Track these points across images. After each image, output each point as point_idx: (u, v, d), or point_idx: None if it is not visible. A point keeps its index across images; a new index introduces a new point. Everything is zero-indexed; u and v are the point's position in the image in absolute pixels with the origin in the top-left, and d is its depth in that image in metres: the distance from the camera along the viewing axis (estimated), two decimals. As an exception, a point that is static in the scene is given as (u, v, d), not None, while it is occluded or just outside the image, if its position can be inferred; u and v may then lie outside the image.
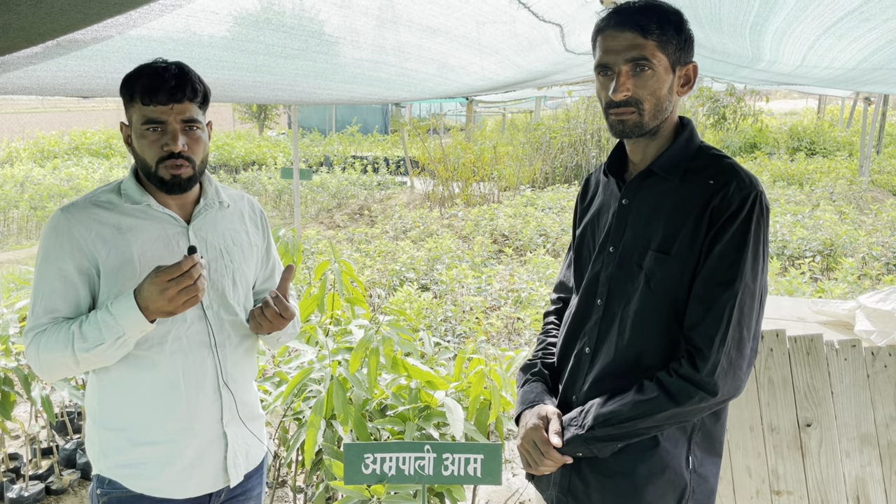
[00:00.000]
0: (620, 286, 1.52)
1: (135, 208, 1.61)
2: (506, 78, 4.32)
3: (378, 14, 2.71)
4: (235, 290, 1.72)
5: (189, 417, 1.65)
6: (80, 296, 1.57)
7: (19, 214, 10.84)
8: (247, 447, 1.78)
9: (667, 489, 1.49)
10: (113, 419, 1.65)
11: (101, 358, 1.52)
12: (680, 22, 1.45)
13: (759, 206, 1.40)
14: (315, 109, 24.77)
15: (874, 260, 6.91)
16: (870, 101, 13.01)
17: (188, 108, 1.56)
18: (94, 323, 1.50)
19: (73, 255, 1.55)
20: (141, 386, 1.62)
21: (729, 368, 1.38)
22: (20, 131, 21.86)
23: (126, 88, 1.56)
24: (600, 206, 1.63)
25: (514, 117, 23.73)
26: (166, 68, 1.55)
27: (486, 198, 11.93)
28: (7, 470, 3.51)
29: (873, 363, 2.43)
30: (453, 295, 6.05)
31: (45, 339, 1.53)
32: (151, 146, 1.55)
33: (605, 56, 1.44)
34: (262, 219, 1.86)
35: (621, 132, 1.47)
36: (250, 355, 1.81)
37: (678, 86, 1.48)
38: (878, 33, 2.42)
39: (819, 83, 5.39)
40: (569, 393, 1.61)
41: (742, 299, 1.38)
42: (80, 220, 1.57)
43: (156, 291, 1.44)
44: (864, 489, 2.42)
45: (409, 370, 2.45)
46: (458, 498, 2.31)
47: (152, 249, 1.60)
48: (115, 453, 1.64)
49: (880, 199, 10.79)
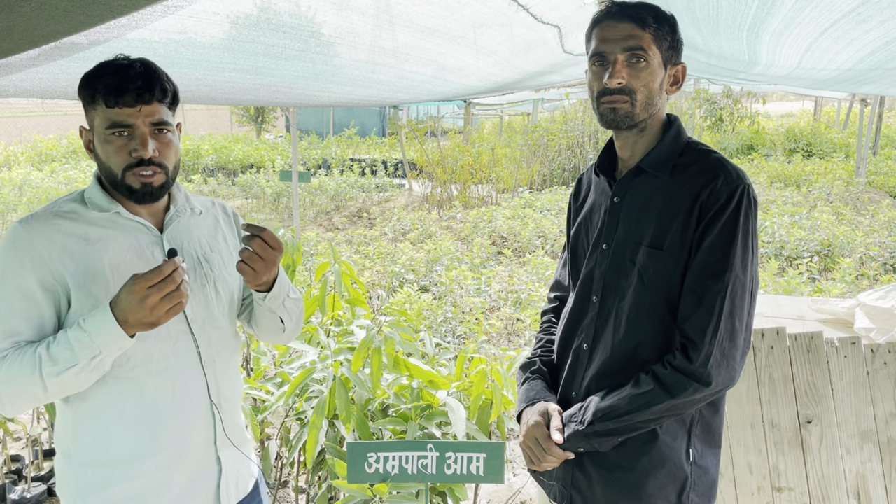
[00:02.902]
0: (615, 282, 1.55)
1: (102, 217, 1.46)
2: (504, 79, 4.33)
3: (376, 15, 2.72)
4: (219, 299, 1.57)
5: (181, 444, 1.50)
6: (43, 316, 1.39)
7: (17, 218, 10.84)
8: (237, 475, 1.63)
9: (668, 482, 1.51)
10: (92, 454, 1.46)
11: (72, 382, 1.34)
12: (674, 23, 1.50)
13: (747, 199, 1.43)
14: (313, 112, 24.78)
15: (871, 260, 6.93)
16: (866, 102, 13.06)
17: (157, 110, 1.41)
18: (64, 343, 1.32)
19: (34, 270, 1.37)
20: (125, 413, 1.44)
21: (722, 359, 1.41)
22: (18, 135, 21.85)
23: (86, 89, 1.41)
24: (592, 205, 1.66)
25: (511, 119, 23.76)
26: (130, 65, 1.39)
27: (485, 200, 11.95)
28: (9, 471, 3.51)
29: (873, 360, 2.45)
30: (453, 296, 6.06)
31: (7, 366, 1.33)
32: (118, 152, 1.40)
33: (601, 45, 1.48)
34: (235, 221, 1.72)
35: (612, 121, 1.50)
36: (237, 372, 1.68)
37: (668, 84, 1.52)
38: (875, 34, 2.44)
39: (815, 85, 5.40)
40: (568, 389, 1.63)
41: (733, 291, 1.41)
42: (42, 232, 1.40)
43: (135, 301, 1.28)
44: (864, 485, 2.43)
45: (411, 370, 2.45)
46: (460, 497, 2.32)
47: (125, 260, 1.44)
48: (94, 492, 1.46)
49: (877, 199, 10.83)
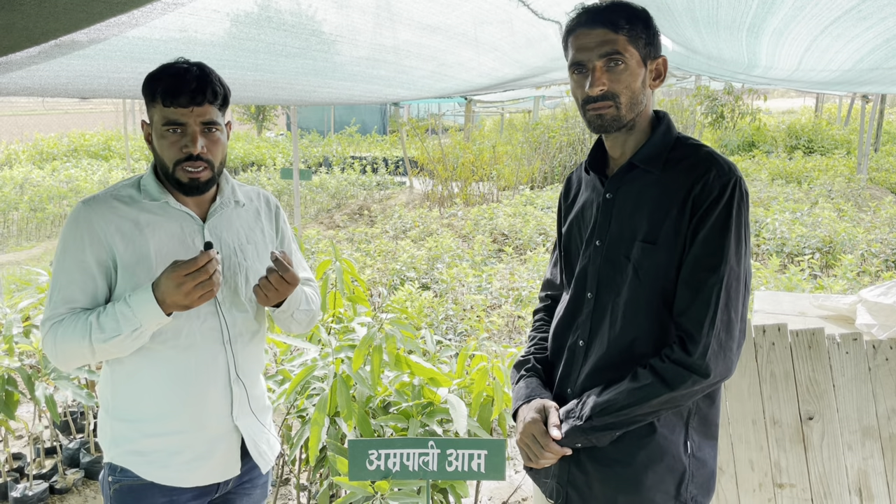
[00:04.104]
0: (609, 278, 1.56)
1: (153, 205, 1.65)
2: (504, 74, 4.33)
3: (376, 13, 2.72)
4: (248, 287, 1.74)
5: (199, 411, 1.68)
6: (97, 287, 1.60)
7: (19, 216, 10.84)
8: (267, 435, 1.84)
9: (666, 475, 1.51)
10: (125, 410, 1.68)
11: (116, 349, 1.55)
12: (647, 18, 1.51)
13: (738, 192, 1.44)
14: (313, 110, 24.76)
15: (873, 257, 6.92)
16: (868, 99, 13.03)
17: (208, 111, 1.59)
18: (112, 314, 1.53)
19: (92, 246, 1.58)
20: (153, 378, 1.65)
21: (720, 350, 1.42)
22: (19, 133, 21.87)
23: (148, 88, 1.58)
24: (584, 203, 1.67)
25: (512, 117, 23.73)
26: (188, 70, 1.57)
27: (486, 197, 11.94)
28: (11, 469, 3.52)
29: (875, 356, 2.44)
30: (454, 294, 6.06)
31: (63, 329, 1.55)
32: (171, 147, 1.57)
33: (578, 54, 1.49)
34: (276, 214, 1.89)
35: (600, 127, 1.51)
36: (260, 350, 1.85)
37: (650, 79, 1.53)
38: (875, 32, 2.43)
39: (815, 86, 5.39)
40: (564, 386, 1.63)
41: (728, 283, 1.43)
42: (100, 212, 1.60)
43: (172, 285, 1.48)
44: (865, 481, 2.43)
45: (413, 367, 2.45)
46: (461, 494, 2.32)
47: (169, 245, 1.63)
48: (126, 442, 1.68)
49: (878, 196, 10.81)
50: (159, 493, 1.68)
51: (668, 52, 4.91)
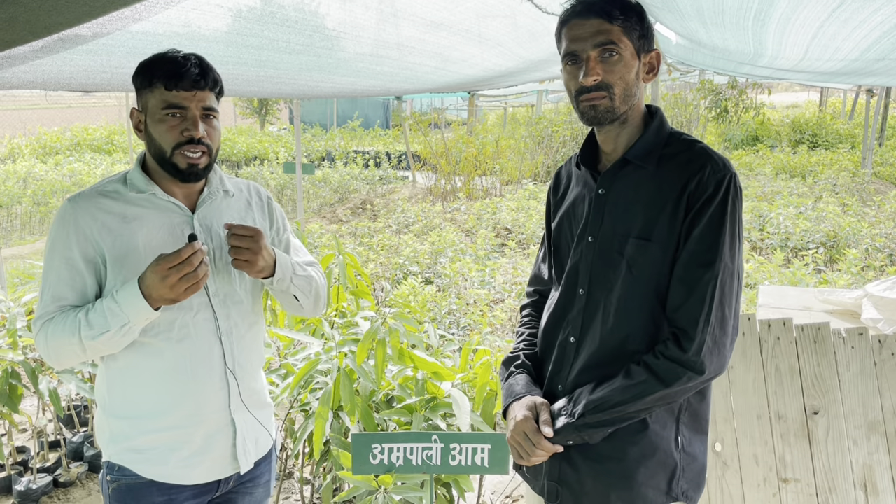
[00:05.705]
0: (602, 275, 1.55)
1: (140, 197, 1.63)
2: (508, 68, 4.32)
3: (379, 9, 2.71)
4: (242, 277, 1.73)
5: (196, 404, 1.67)
6: (86, 284, 1.59)
7: (22, 210, 10.85)
8: (256, 434, 1.79)
9: (657, 470, 1.51)
10: (121, 407, 1.67)
11: (107, 345, 1.54)
12: (641, 10, 1.49)
13: (733, 188, 1.44)
14: (316, 104, 24.74)
15: (878, 251, 6.91)
16: (872, 93, 12.97)
17: (208, 97, 1.59)
18: (99, 311, 1.52)
19: (79, 244, 1.57)
20: (147, 373, 1.64)
21: (714, 347, 1.42)
22: (22, 127, 21.87)
23: (145, 74, 1.57)
24: (575, 198, 1.65)
25: (515, 111, 23.68)
26: (187, 57, 1.58)
27: (489, 191, 11.93)
28: (15, 463, 3.53)
29: (880, 351, 2.44)
30: (457, 288, 6.06)
31: (53, 327, 1.55)
32: (170, 131, 1.56)
33: (572, 44, 1.47)
34: (268, 205, 1.86)
35: (593, 118, 1.50)
36: (258, 343, 1.82)
37: (644, 73, 1.52)
38: (883, 15, 2.40)
39: (821, 78, 5.36)
40: (555, 383, 1.62)
41: (722, 279, 1.42)
42: (86, 209, 1.59)
43: (157, 279, 1.47)
44: (871, 476, 2.43)
45: (416, 361, 2.45)
46: (465, 488, 2.32)
47: (157, 238, 1.61)
48: (123, 440, 1.67)
49: (883, 190, 10.78)
50: (158, 492, 1.67)
51: (672, 46, 4.89)
